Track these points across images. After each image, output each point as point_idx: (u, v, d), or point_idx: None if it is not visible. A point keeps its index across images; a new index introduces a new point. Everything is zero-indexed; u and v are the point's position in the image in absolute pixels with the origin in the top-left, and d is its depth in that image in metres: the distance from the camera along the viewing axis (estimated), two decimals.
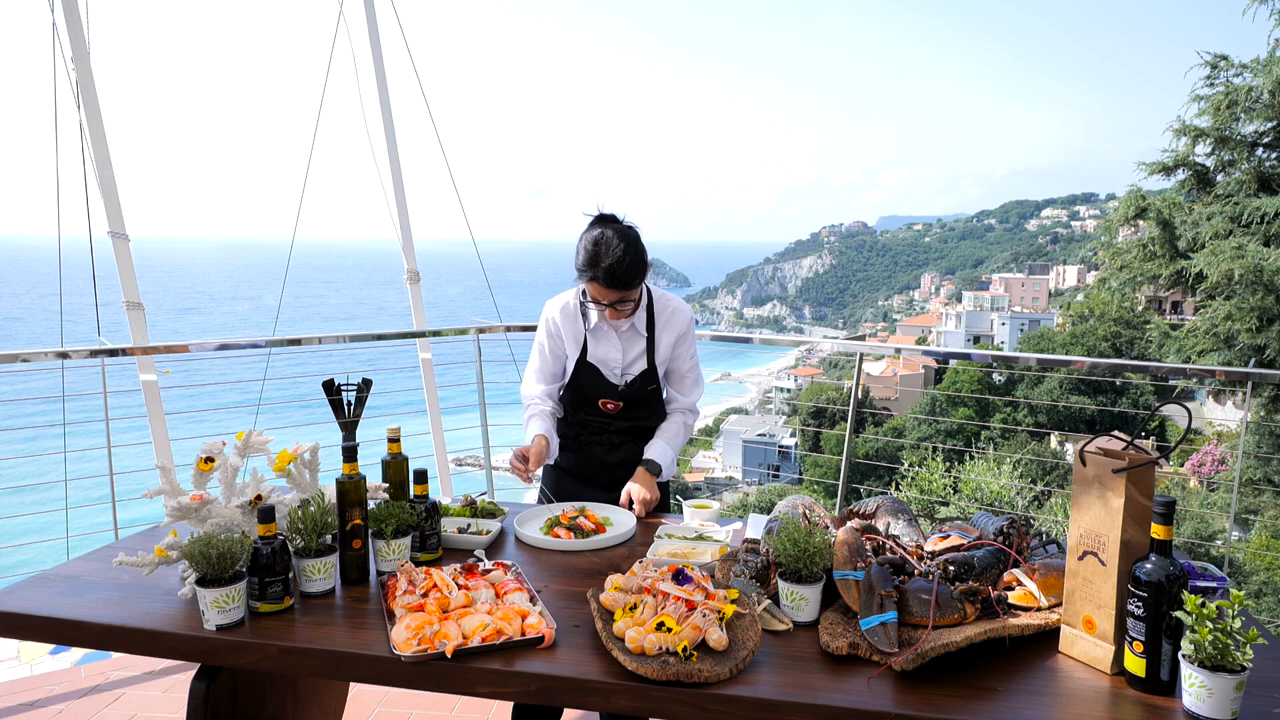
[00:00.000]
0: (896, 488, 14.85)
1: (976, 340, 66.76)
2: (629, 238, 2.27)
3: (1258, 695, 1.39)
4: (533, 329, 4.88)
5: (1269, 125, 10.48)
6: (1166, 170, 11.34)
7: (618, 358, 2.46)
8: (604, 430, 2.51)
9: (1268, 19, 10.20)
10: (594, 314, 2.44)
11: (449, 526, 2.19)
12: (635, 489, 2.41)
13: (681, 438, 2.57)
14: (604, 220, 2.31)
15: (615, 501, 2.47)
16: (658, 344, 2.47)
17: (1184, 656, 1.32)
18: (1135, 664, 1.41)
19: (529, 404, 2.57)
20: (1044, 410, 35.40)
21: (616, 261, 2.23)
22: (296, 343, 4.46)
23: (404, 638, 1.55)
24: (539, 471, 2.50)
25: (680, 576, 1.66)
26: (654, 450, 2.50)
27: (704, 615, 1.53)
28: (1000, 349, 48.72)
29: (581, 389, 2.48)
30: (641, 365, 2.46)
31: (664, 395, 2.61)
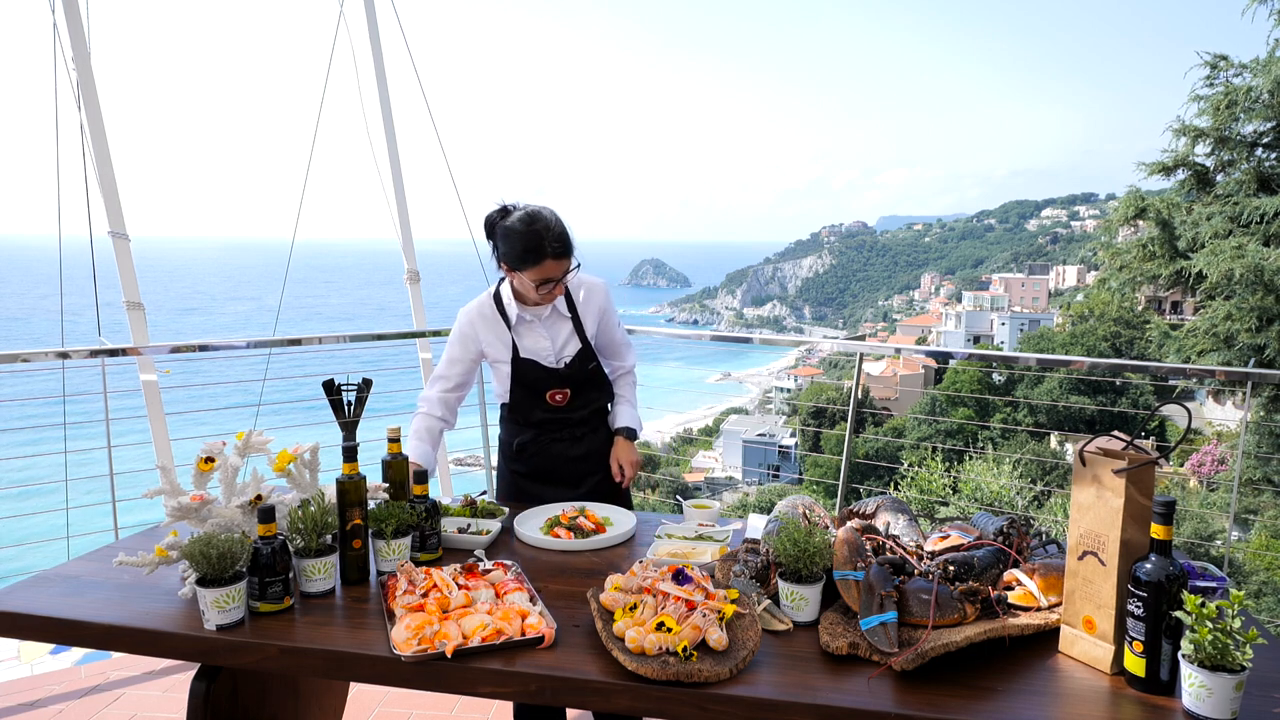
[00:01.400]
0: (896, 488, 14.86)
1: (976, 340, 66.76)
2: (551, 211, 2.29)
3: (1257, 695, 1.39)
4: None
5: (1268, 125, 10.48)
6: (1166, 170, 11.35)
7: (549, 345, 2.43)
8: (565, 425, 2.47)
9: (1267, 19, 10.21)
10: (513, 311, 2.40)
11: (449, 526, 2.18)
12: (623, 455, 2.47)
13: (636, 393, 2.64)
14: (516, 208, 2.30)
15: (580, 498, 2.46)
16: (584, 320, 2.46)
17: (1184, 656, 1.32)
18: (1135, 664, 1.41)
19: (419, 409, 2.51)
20: (1044, 410, 35.40)
21: (560, 231, 2.25)
22: (297, 343, 4.46)
23: (404, 638, 1.55)
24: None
25: (680, 576, 1.66)
26: (625, 417, 2.54)
27: (704, 615, 1.53)
28: (1000, 349, 48.72)
29: (526, 386, 2.44)
30: (575, 345, 2.45)
31: (605, 366, 2.59)
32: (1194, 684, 1.30)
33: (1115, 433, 1.53)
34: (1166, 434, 29.04)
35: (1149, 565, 1.38)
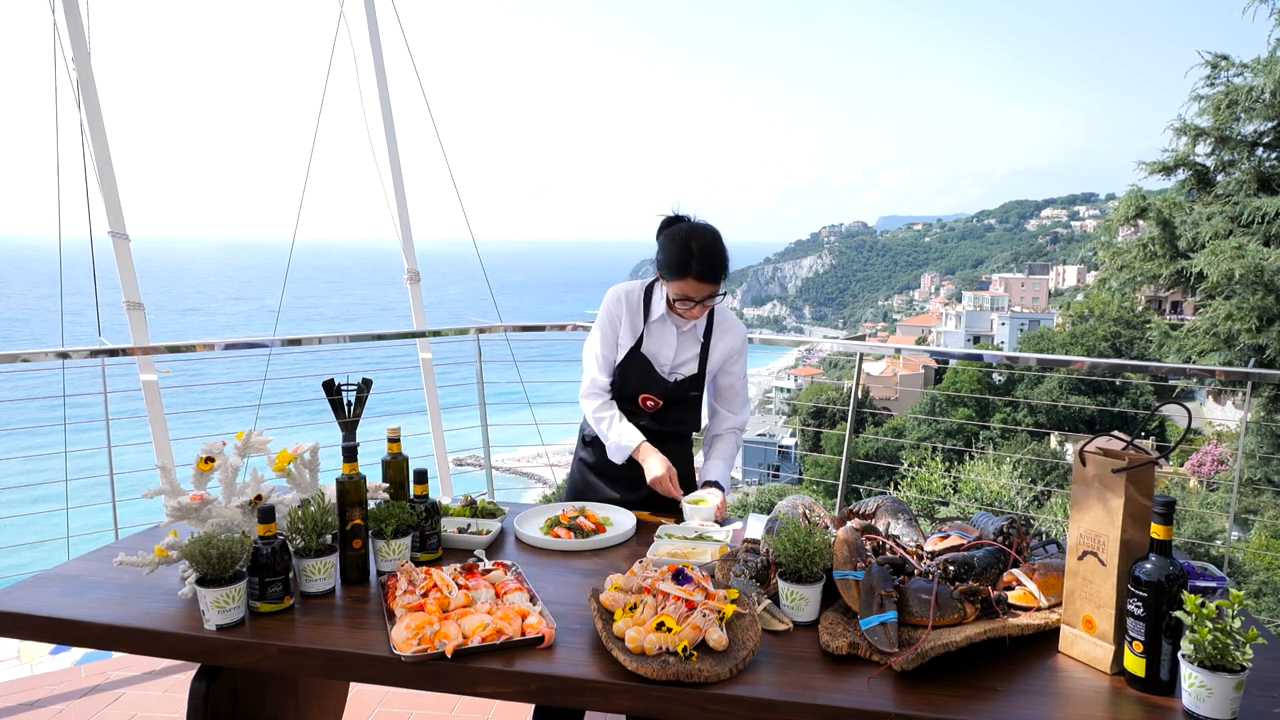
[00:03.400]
0: (896, 488, 14.85)
1: (976, 340, 66.74)
2: (715, 232, 2.30)
3: (1258, 695, 1.39)
4: (533, 329, 4.90)
5: (1269, 125, 10.48)
6: (1167, 170, 11.35)
7: (670, 355, 2.46)
8: (639, 430, 2.49)
9: (1268, 18, 10.21)
10: (658, 307, 2.43)
11: (449, 526, 2.19)
12: (718, 499, 2.37)
13: (735, 455, 2.62)
14: (683, 219, 2.34)
15: (638, 501, 2.47)
16: (712, 351, 2.48)
17: (1184, 656, 1.32)
18: (1135, 664, 1.41)
19: (599, 389, 2.50)
20: (1044, 410, 35.39)
21: (711, 255, 2.25)
22: (297, 343, 4.46)
23: (404, 638, 1.55)
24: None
25: (680, 576, 1.66)
26: (715, 471, 2.53)
27: (704, 615, 1.53)
28: (1000, 349, 48.70)
29: (627, 380, 2.47)
30: (692, 369, 2.47)
31: (713, 412, 2.62)
32: (1194, 684, 1.30)
33: (1115, 433, 1.53)
34: (1166, 434, 29.02)
35: (1149, 565, 1.38)
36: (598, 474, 2.56)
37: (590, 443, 2.58)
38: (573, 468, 2.66)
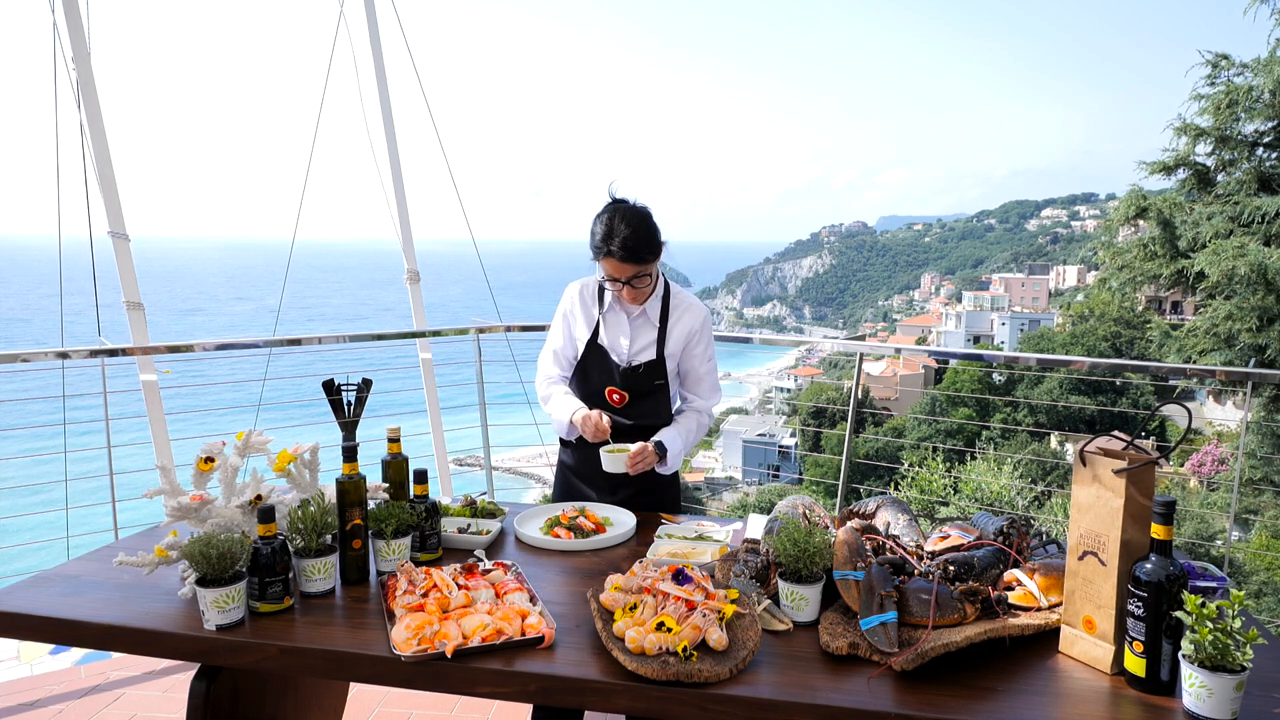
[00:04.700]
0: (896, 488, 14.84)
1: (976, 340, 66.73)
2: (641, 213, 2.30)
3: (1258, 695, 1.39)
4: (533, 329, 4.90)
5: (1269, 125, 10.47)
6: (1167, 170, 11.33)
7: (625, 343, 2.45)
8: (611, 429, 2.49)
9: (1268, 18, 10.21)
10: (609, 297, 2.44)
11: (449, 526, 2.19)
12: (638, 446, 2.33)
13: (694, 433, 2.52)
14: (616, 202, 2.34)
15: (618, 503, 2.46)
16: (669, 335, 2.46)
17: (1184, 656, 1.32)
18: (1135, 664, 1.41)
19: (551, 380, 2.55)
20: (1044, 410, 35.38)
21: (630, 234, 2.25)
22: (296, 343, 4.46)
23: (404, 638, 1.55)
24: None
25: (680, 576, 1.66)
26: (664, 434, 2.44)
27: (704, 615, 1.53)
28: (1000, 349, 48.68)
29: (589, 376, 2.47)
30: (650, 355, 2.45)
31: (680, 398, 2.59)
32: (1194, 684, 1.30)
33: (1115, 433, 1.53)
34: (1166, 434, 29.01)
35: (1149, 565, 1.38)
36: (578, 476, 2.55)
37: (567, 445, 2.56)
38: (556, 471, 2.64)
